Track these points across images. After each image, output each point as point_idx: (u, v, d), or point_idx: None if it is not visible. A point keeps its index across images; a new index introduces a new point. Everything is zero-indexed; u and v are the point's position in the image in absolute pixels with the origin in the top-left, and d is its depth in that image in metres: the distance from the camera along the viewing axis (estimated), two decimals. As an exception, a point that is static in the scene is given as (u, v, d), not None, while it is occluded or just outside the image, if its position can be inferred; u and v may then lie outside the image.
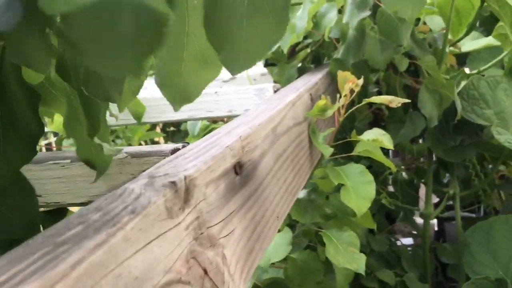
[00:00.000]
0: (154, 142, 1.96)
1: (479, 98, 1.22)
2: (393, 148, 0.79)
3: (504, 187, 1.48)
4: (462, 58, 1.86)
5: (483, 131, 1.37)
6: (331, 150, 0.77)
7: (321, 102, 0.78)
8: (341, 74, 0.89)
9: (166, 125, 1.96)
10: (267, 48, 0.40)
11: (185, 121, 1.42)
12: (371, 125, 1.50)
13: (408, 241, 3.64)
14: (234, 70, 0.41)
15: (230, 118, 0.96)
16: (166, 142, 1.75)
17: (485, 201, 1.54)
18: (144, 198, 0.31)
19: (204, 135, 1.55)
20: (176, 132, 2.11)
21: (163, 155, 0.48)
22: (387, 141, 0.78)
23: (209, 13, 0.37)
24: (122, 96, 0.48)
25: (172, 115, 0.95)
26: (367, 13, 0.90)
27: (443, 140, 1.26)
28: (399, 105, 0.85)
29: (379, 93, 1.44)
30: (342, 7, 0.99)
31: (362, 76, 0.88)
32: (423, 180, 1.52)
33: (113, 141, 1.54)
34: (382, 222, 1.53)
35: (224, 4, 0.37)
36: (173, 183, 0.34)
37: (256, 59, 0.41)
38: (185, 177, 0.35)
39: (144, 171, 0.40)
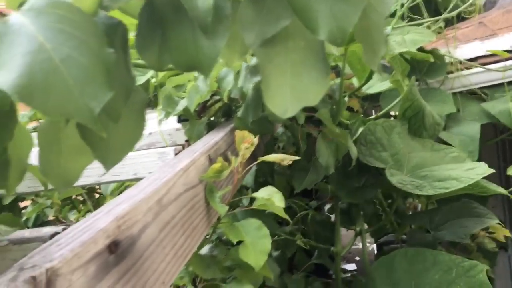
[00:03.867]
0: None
1: (376, 142, 1.34)
2: (284, 206, 0.86)
3: (410, 220, 1.60)
4: (377, 97, 2.02)
5: (384, 171, 1.50)
6: (226, 208, 0.84)
7: (217, 165, 0.85)
8: (239, 134, 0.97)
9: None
10: (130, 147, 0.47)
11: (92, 185, 1.45)
12: (289, 168, 1.59)
13: (351, 266, 3.76)
14: (106, 166, 0.47)
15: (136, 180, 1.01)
16: (90, 197, 1.77)
17: (396, 233, 1.66)
18: (2, 296, 0.36)
19: (119, 193, 1.58)
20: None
21: (42, 240, 0.52)
22: (278, 200, 0.85)
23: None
24: (8, 182, 0.53)
25: (80, 180, 0.98)
26: (259, 77, 0.99)
27: (347, 181, 1.36)
28: (290, 162, 0.94)
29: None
30: (239, 70, 1.07)
31: (258, 135, 0.96)
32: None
33: (32, 200, 1.55)
34: (303, 260, 1.61)
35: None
36: (34, 277, 0.39)
37: (122, 157, 0.47)
38: (46, 270, 0.40)
39: (25, 256, 0.45)
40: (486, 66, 2.10)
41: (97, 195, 2.55)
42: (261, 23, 0.38)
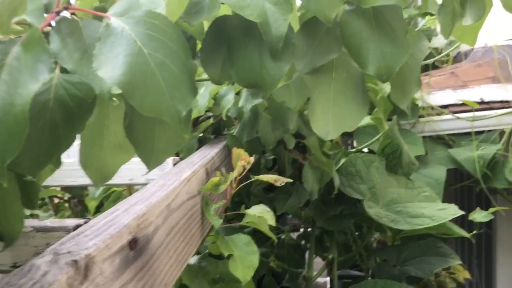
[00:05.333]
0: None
1: (356, 175, 1.40)
2: (274, 224, 0.90)
3: (378, 253, 1.66)
4: (350, 132, 2.10)
5: (360, 202, 1.56)
6: (221, 221, 0.87)
7: (215, 179, 0.88)
8: (235, 151, 1.01)
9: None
10: (174, 149, 0.50)
11: (87, 186, 1.45)
12: (265, 190, 1.63)
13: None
14: (149, 166, 0.50)
15: (131, 185, 1.03)
16: (62, 194, 1.76)
17: (363, 264, 1.72)
18: (50, 275, 0.38)
19: (104, 197, 1.57)
20: (75, 187, 2.10)
21: (66, 230, 0.54)
22: (270, 218, 0.89)
23: (128, 118, 0.46)
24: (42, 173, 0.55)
25: (75, 180, 1.00)
26: (260, 100, 1.04)
27: (325, 209, 1.41)
28: (283, 183, 0.98)
29: (275, 160, 1.59)
30: (239, 91, 1.12)
31: (254, 155, 1.00)
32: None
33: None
34: (271, 283, 1.64)
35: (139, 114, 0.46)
36: (75, 261, 0.41)
37: (165, 158, 0.50)
38: (85, 256, 0.42)
39: (47, 244, 0.47)
40: (456, 115, 2.23)
41: (56, 200, 2.51)
42: (312, 53, 0.42)
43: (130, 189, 1.34)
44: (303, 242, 1.76)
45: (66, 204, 2.43)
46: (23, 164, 0.34)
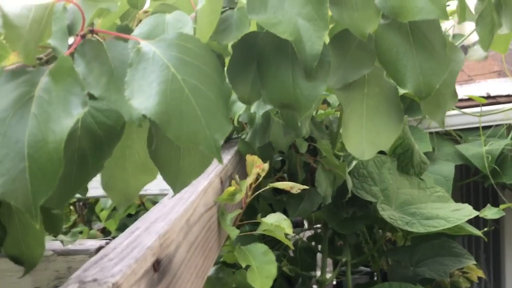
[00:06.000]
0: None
1: (368, 176, 1.38)
2: (291, 233, 0.89)
3: (390, 253, 1.64)
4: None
5: (372, 204, 1.54)
6: (237, 231, 0.85)
7: (231, 188, 0.87)
8: (250, 158, 0.99)
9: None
10: (200, 171, 0.48)
11: (100, 197, 1.44)
12: (273, 192, 1.61)
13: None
14: (174, 189, 0.48)
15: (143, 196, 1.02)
16: (74, 203, 1.74)
17: (374, 265, 1.70)
18: (79, 310, 0.36)
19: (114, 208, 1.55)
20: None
21: (88, 253, 0.53)
22: (287, 226, 0.87)
23: (154, 140, 0.44)
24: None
25: (90, 192, 0.98)
26: (271, 106, 1.02)
27: (337, 212, 1.39)
28: (299, 191, 0.96)
29: (283, 161, 1.57)
30: (250, 96, 1.10)
31: (268, 161, 0.98)
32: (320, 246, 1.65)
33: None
34: (284, 286, 1.62)
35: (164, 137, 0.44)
36: (103, 292, 0.39)
37: (191, 180, 0.48)
38: (113, 284, 0.41)
39: (69, 268, 0.45)
40: (463, 110, 2.21)
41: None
42: (344, 68, 0.41)
43: (141, 197, 1.33)
44: (313, 243, 1.74)
45: (71, 207, 2.42)
46: (51, 198, 0.33)
